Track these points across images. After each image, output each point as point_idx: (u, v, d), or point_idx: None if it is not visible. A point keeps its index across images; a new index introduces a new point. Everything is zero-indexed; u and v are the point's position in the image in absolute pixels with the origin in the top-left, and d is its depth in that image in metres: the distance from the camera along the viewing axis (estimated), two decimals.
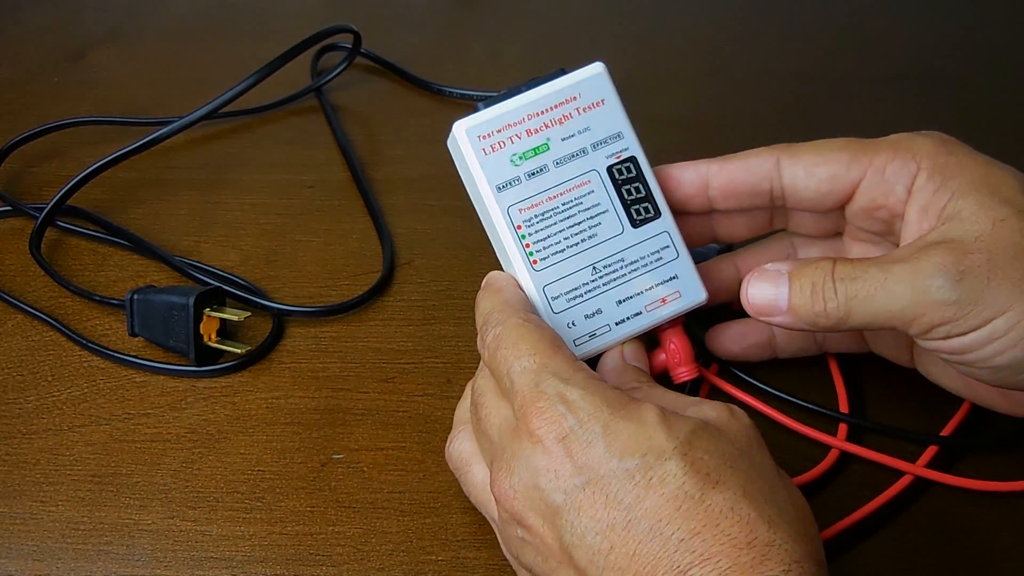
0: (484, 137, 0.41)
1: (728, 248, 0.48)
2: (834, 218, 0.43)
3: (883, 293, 0.36)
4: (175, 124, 0.56)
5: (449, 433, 0.41)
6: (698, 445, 0.33)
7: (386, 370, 0.48)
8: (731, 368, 0.46)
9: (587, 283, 0.41)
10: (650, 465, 0.32)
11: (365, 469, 0.44)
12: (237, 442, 0.45)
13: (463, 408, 0.41)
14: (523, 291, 0.41)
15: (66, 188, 0.53)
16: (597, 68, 0.43)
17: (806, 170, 0.40)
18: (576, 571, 0.33)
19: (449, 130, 0.42)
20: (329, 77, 0.64)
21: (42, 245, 0.54)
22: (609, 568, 0.32)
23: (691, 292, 0.42)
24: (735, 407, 0.35)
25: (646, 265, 0.42)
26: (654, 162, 0.43)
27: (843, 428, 0.44)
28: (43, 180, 0.59)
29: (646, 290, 0.41)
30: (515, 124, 0.42)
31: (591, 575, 0.32)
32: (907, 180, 0.39)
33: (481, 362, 0.38)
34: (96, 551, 0.41)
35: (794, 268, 0.39)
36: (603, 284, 0.41)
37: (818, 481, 0.43)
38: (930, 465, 0.43)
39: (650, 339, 0.43)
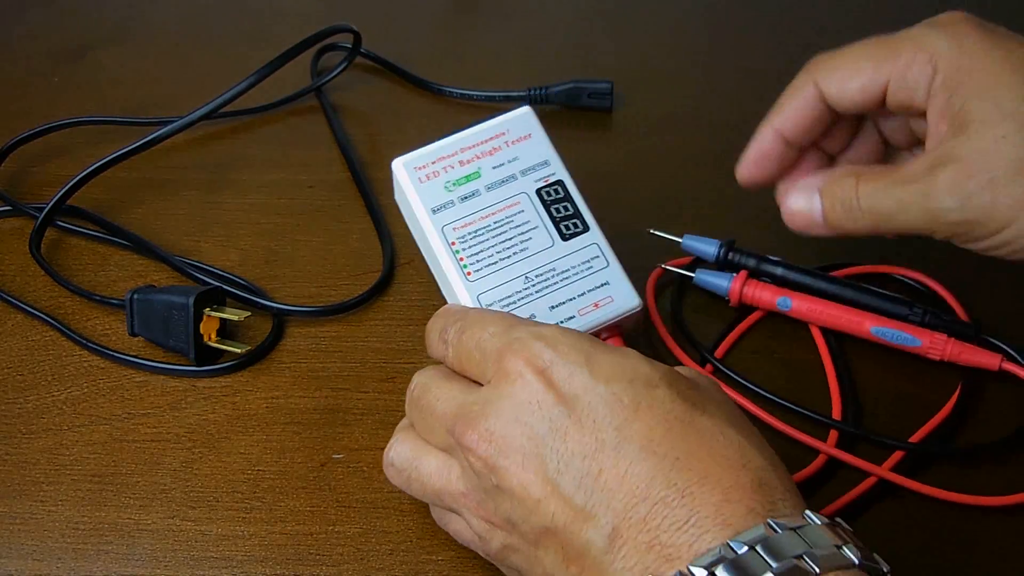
0: (419, 168, 0.45)
1: (730, 248, 0.50)
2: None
3: (903, 214, 0.40)
4: (175, 124, 0.56)
5: None
6: (681, 381, 0.34)
7: (386, 370, 0.48)
8: (724, 369, 0.47)
9: (520, 291, 0.43)
10: (638, 391, 0.32)
11: (365, 469, 0.44)
12: (237, 442, 0.45)
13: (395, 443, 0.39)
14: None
15: (66, 188, 0.53)
16: (524, 109, 0.48)
17: (838, 87, 0.43)
18: (562, 501, 0.31)
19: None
20: (329, 77, 0.64)
21: (42, 245, 0.54)
22: (599, 491, 0.31)
23: (623, 298, 0.44)
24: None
25: (577, 273, 0.44)
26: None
27: (833, 434, 0.44)
28: (43, 180, 0.59)
29: (577, 296, 0.44)
30: (448, 156, 0.46)
31: (578, 502, 0.31)
32: (926, 83, 0.41)
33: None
34: (96, 551, 0.41)
35: (824, 186, 0.43)
36: (536, 291, 0.44)
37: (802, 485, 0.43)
38: (897, 470, 0.43)
39: None
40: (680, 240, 0.51)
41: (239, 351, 0.48)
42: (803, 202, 0.44)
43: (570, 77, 0.63)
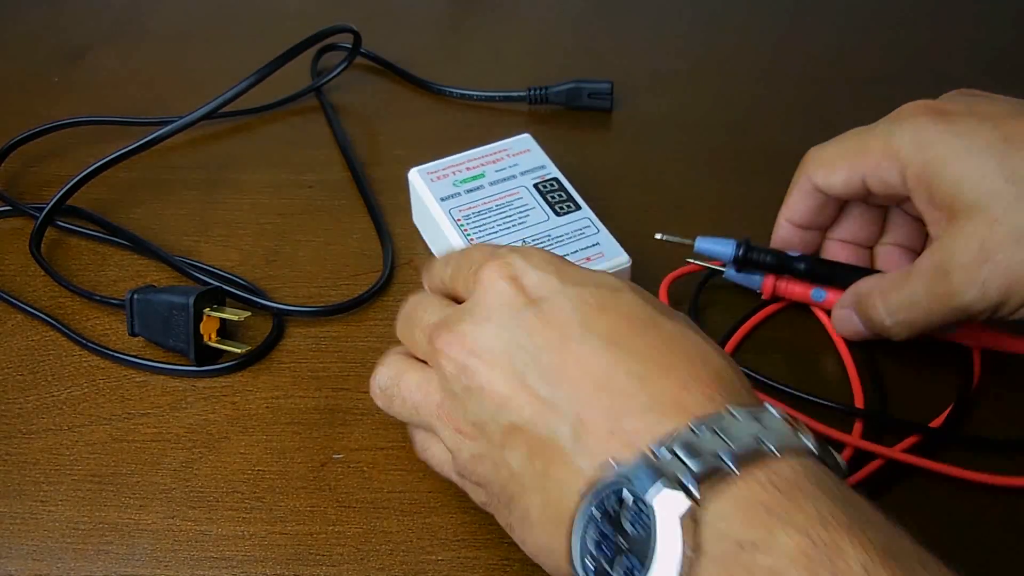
0: (431, 173, 0.53)
1: (748, 247, 0.49)
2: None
3: (935, 317, 0.42)
4: (175, 124, 0.56)
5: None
6: (646, 292, 0.35)
7: None
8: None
9: None
10: (604, 293, 0.34)
11: (365, 469, 0.44)
12: (237, 442, 0.45)
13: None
14: None
15: (66, 188, 0.53)
16: (524, 136, 0.55)
17: (824, 182, 0.46)
18: (528, 395, 0.33)
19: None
20: (329, 77, 0.64)
21: (42, 245, 0.54)
22: (563, 383, 0.32)
23: (614, 255, 0.48)
24: None
25: (570, 237, 0.49)
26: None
27: (858, 426, 0.44)
28: (43, 180, 0.59)
29: (571, 253, 0.48)
30: (456, 165, 0.53)
31: (544, 394, 0.32)
32: (898, 179, 0.43)
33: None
34: (96, 551, 0.41)
35: (856, 306, 0.46)
36: None
37: None
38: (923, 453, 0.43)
39: None
40: (690, 242, 0.50)
41: (239, 351, 0.48)
42: (846, 323, 0.47)
43: (570, 77, 0.63)
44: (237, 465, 0.44)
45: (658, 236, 0.50)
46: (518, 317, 0.34)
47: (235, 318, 0.48)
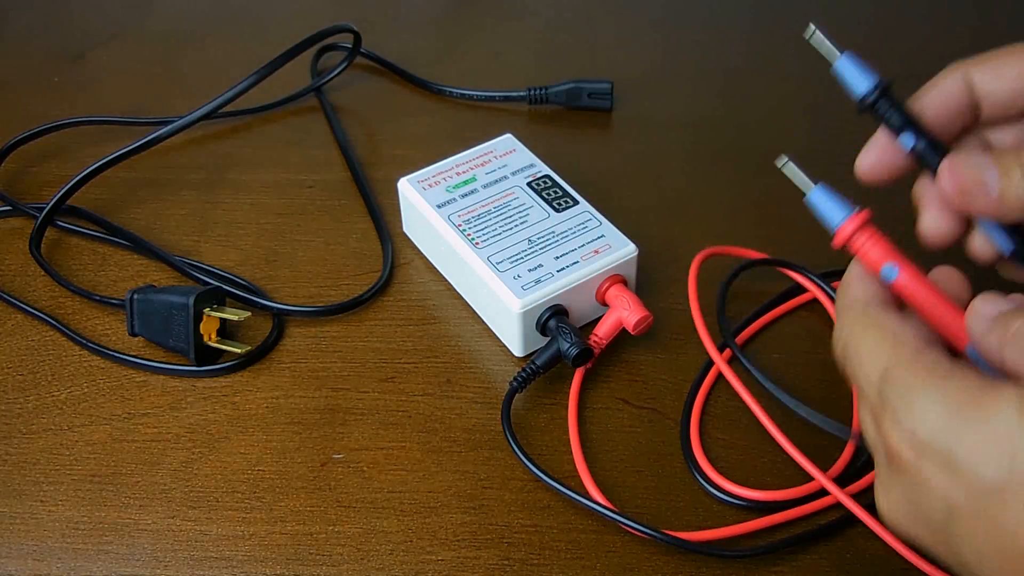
0: (422, 181, 0.52)
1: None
2: None
3: None
4: (175, 124, 0.56)
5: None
6: None
7: (386, 370, 0.48)
8: (741, 358, 0.46)
9: (525, 250, 0.48)
10: (1018, 479, 0.28)
11: (365, 469, 0.44)
12: (237, 442, 0.45)
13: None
14: (865, 284, 0.37)
15: (66, 188, 0.53)
16: (506, 136, 0.55)
17: (994, 72, 0.38)
18: None
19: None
20: (329, 77, 0.64)
21: (42, 245, 0.54)
22: None
23: (620, 245, 0.48)
24: None
25: (574, 232, 0.49)
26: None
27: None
28: (43, 180, 0.59)
29: (578, 248, 0.48)
30: (446, 171, 0.53)
31: None
32: None
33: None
34: (96, 551, 0.41)
35: (995, 154, 0.35)
36: (540, 249, 0.48)
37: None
38: None
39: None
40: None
41: (239, 351, 0.48)
42: (972, 164, 0.35)
43: (570, 77, 0.63)
44: (237, 465, 0.44)
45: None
46: (946, 509, 0.30)
47: (235, 318, 0.48)
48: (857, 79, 0.39)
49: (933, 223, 0.38)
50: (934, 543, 0.32)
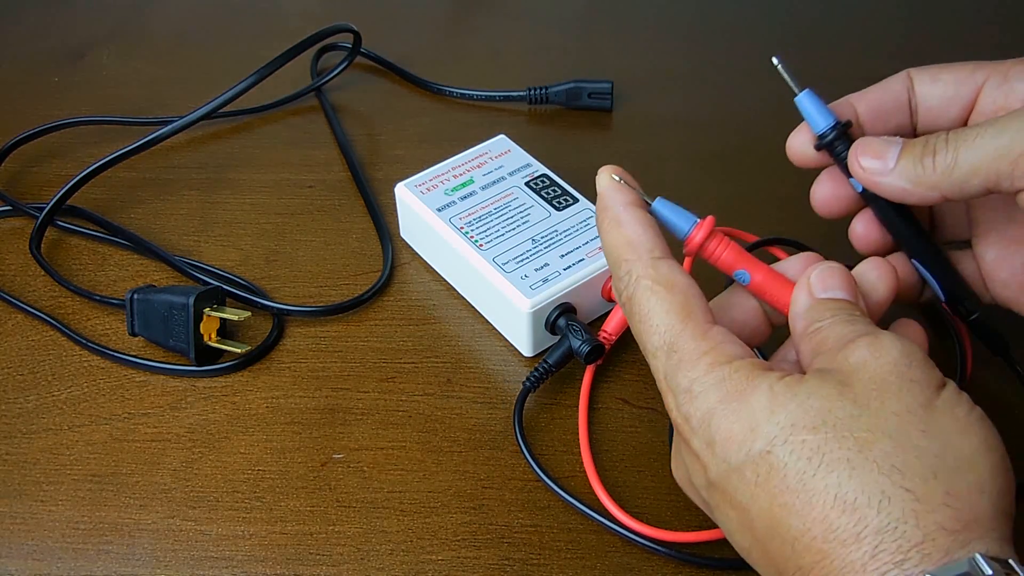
0: (419, 186, 0.52)
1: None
2: None
3: (992, 129, 0.35)
4: (175, 124, 0.56)
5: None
6: (803, 423, 0.30)
7: (386, 370, 0.48)
8: None
9: (530, 249, 0.48)
10: (754, 460, 0.31)
11: (365, 469, 0.44)
12: (237, 442, 0.45)
13: None
14: (641, 223, 0.37)
15: (66, 188, 0.53)
16: (499, 137, 0.55)
17: (932, 76, 0.41)
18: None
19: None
20: (329, 77, 0.64)
21: (42, 245, 0.54)
22: (755, 564, 0.32)
23: None
24: (892, 337, 0.32)
25: (577, 230, 0.49)
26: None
27: None
28: (43, 180, 0.59)
29: (583, 244, 0.48)
30: (442, 174, 0.53)
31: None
32: None
33: None
34: (96, 551, 0.41)
35: (909, 139, 0.38)
36: (544, 248, 0.48)
37: None
38: None
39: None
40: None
41: (239, 351, 0.48)
42: (879, 144, 0.38)
43: (570, 77, 0.63)
44: (237, 465, 0.44)
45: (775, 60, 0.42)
46: (703, 486, 0.34)
47: (235, 318, 0.48)
48: (815, 117, 0.41)
49: (825, 189, 0.41)
50: (705, 508, 0.35)
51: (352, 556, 0.41)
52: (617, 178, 0.38)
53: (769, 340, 0.40)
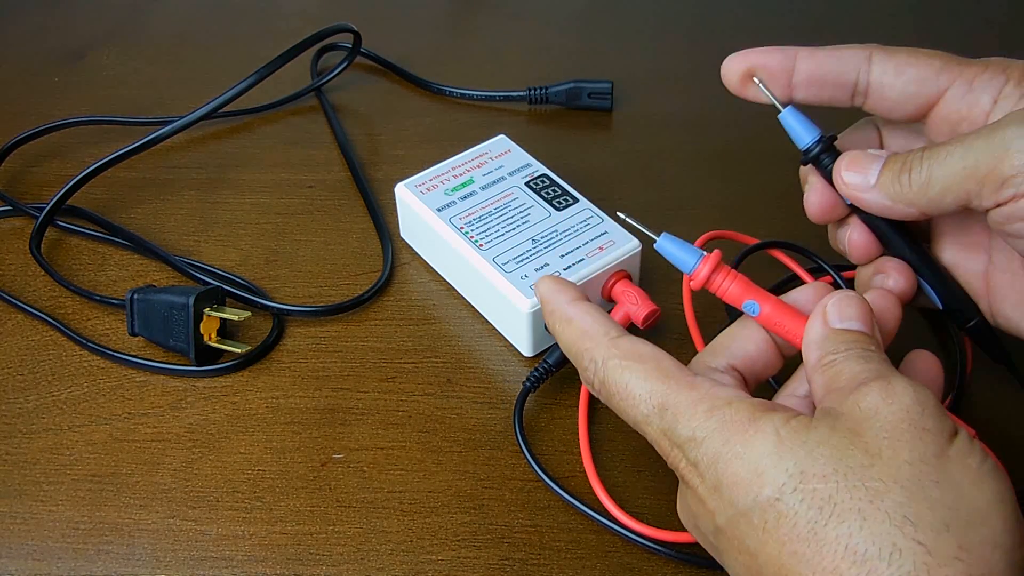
0: (419, 186, 0.52)
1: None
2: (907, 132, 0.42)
3: (960, 148, 0.35)
4: (175, 124, 0.56)
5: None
6: (813, 471, 0.30)
7: (386, 370, 0.48)
8: None
9: (530, 250, 0.48)
10: (762, 507, 0.31)
11: (365, 469, 0.44)
12: (237, 442, 0.45)
13: None
14: (590, 313, 0.38)
15: (66, 188, 0.53)
16: (499, 137, 0.55)
17: (896, 68, 0.39)
18: None
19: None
20: (329, 77, 0.64)
21: (42, 245, 0.54)
22: None
23: (625, 242, 0.49)
24: (905, 383, 0.32)
25: (577, 230, 0.49)
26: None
27: None
28: (43, 180, 0.59)
29: (582, 245, 0.48)
30: (442, 174, 0.52)
31: None
32: (994, 91, 0.38)
33: None
34: (96, 551, 0.41)
35: (892, 154, 0.38)
36: (544, 248, 0.48)
37: None
38: None
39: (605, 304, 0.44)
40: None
41: (239, 351, 0.48)
42: (864, 161, 0.38)
43: (570, 77, 0.63)
44: (237, 465, 0.44)
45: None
46: (711, 531, 0.34)
47: (235, 318, 0.48)
48: (799, 132, 0.41)
49: (817, 197, 0.41)
50: (714, 553, 0.35)
51: (352, 556, 0.41)
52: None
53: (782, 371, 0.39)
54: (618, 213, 0.42)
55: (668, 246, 0.39)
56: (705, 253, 0.39)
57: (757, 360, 0.38)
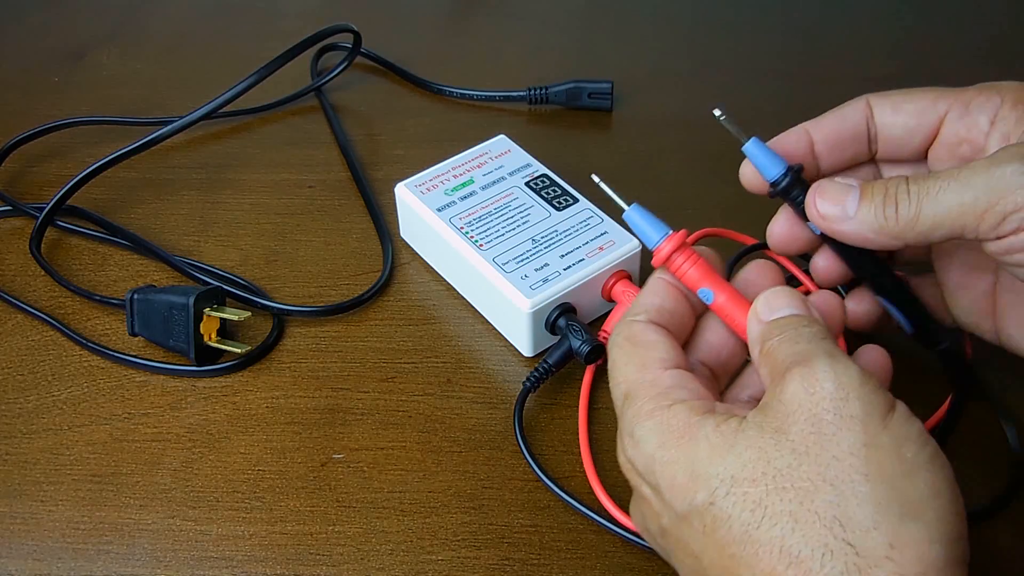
0: (419, 186, 0.52)
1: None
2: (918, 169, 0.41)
3: (956, 184, 0.34)
4: (175, 124, 0.56)
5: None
6: (743, 475, 0.30)
7: (386, 370, 0.48)
8: None
9: (530, 250, 0.48)
10: (699, 511, 0.31)
11: (365, 469, 0.44)
12: (237, 442, 0.45)
13: None
14: (645, 296, 0.38)
15: (66, 188, 0.53)
16: (499, 137, 0.55)
17: (894, 106, 0.40)
18: None
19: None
20: (329, 77, 0.64)
21: (42, 245, 0.54)
22: None
23: (624, 242, 0.49)
24: (826, 365, 0.31)
25: (577, 230, 0.49)
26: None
27: None
28: (43, 180, 0.59)
29: (582, 245, 0.48)
30: (442, 174, 0.53)
31: None
32: (991, 112, 0.38)
33: None
34: (96, 551, 0.41)
35: (865, 183, 0.37)
36: (544, 248, 0.48)
37: None
38: None
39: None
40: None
41: (239, 351, 0.48)
42: (837, 192, 0.38)
43: (570, 77, 0.63)
44: (237, 465, 0.44)
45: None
46: (658, 533, 0.35)
47: (235, 318, 0.48)
48: (766, 165, 0.40)
49: (782, 228, 0.41)
50: (663, 554, 0.35)
51: (352, 556, 0.41)
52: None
53: None
54: (592, 176, 0.41)
55: (635, 217, 0.38)
56: (672, 231, 0.38)
57: (723, 350, 0.38)
